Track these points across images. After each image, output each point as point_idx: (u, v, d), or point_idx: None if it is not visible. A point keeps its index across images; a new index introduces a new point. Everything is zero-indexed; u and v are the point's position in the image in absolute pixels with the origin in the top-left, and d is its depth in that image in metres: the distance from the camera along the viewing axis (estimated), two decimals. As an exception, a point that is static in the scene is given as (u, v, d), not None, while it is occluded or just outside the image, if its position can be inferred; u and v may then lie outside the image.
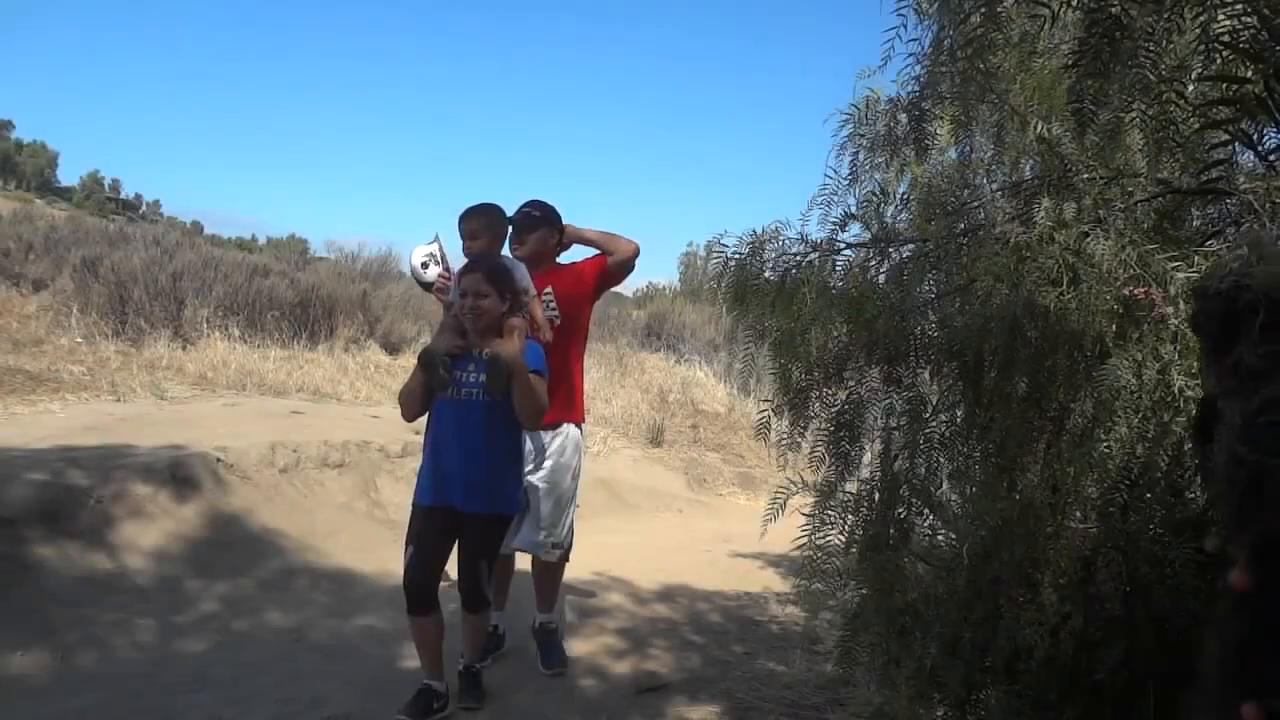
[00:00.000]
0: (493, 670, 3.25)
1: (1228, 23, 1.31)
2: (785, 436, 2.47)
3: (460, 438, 2.75)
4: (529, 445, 3.12)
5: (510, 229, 3.24)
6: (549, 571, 3.34)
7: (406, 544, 2.81)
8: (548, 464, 3.24)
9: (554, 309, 3.24)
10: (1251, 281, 0.87)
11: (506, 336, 2.77)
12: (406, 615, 2.83)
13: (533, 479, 3.18)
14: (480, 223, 3.13)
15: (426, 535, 2.79)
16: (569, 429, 3.28)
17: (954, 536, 2.29)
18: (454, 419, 2.77)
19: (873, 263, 2.41)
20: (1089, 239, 1.89)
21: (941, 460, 2.29)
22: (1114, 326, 1.84)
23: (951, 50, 2.03)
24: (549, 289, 3.24)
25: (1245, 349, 0.85)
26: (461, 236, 3.12)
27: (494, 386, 2.70)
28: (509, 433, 2.83)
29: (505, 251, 3.21)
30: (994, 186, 2.23)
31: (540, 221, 3.32)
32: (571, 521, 3.40)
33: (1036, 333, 1.96)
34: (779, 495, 2.39)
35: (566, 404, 3.23)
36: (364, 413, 6.72)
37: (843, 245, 2.41)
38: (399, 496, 5.25)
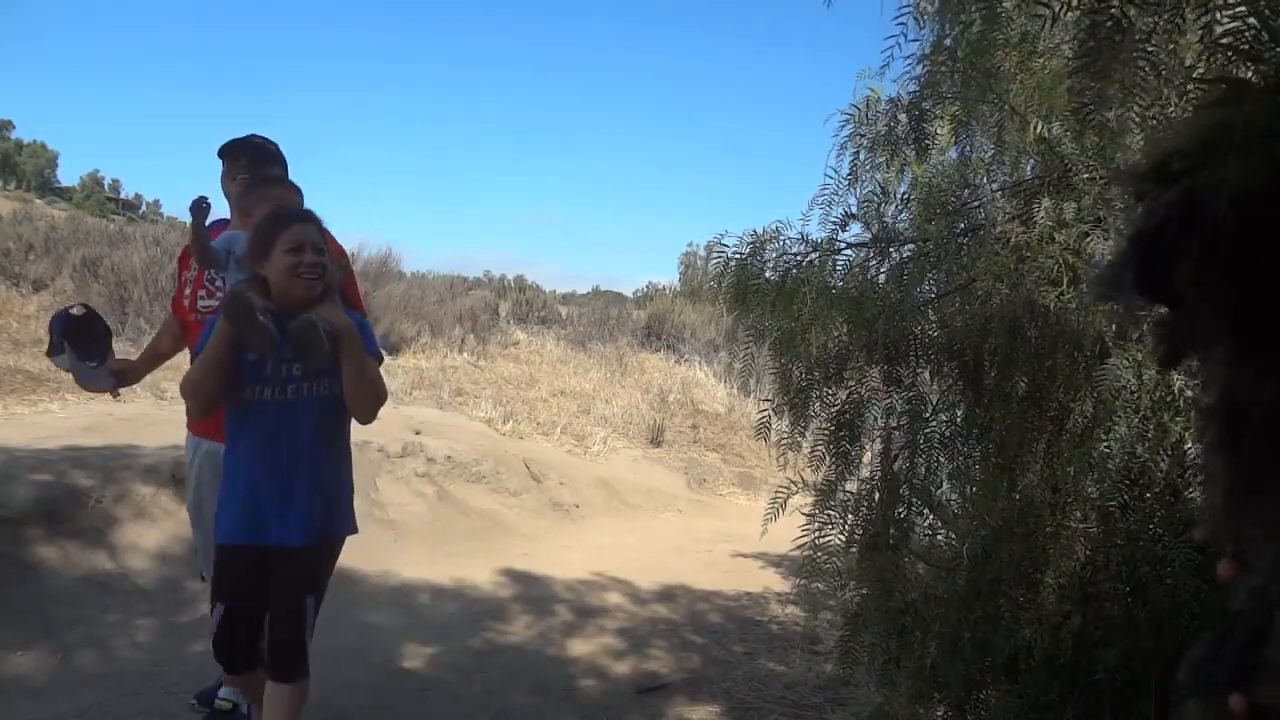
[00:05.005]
0: (489, 673, 3.25)
1: (1228, 24, 1.31)
2: (785, 436, 2.47)
3: (282, 448, 2.05)
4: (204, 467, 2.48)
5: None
6: None
7: (214, 599, 2.11)
8: (190, 491, 2.61)
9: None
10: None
11: (328, 300, 2.08)
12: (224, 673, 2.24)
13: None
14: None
15: (243, 586, 2.08)
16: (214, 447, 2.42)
17: (954, 536, 2.29)
18: (273, 424, 2.05)
19: (873, 263, 2.41)
20: (1089, 239, 1.89)
21: (941, 460, 2.29)
22: (1114, 326, 1.84)
23: (952, 50, 2.03)
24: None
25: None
26: (259, 176, 2.46)
27: (308, 356, 1.99)
28: (342, 432, 2.19)
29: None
30: (994, 186, 2.23)
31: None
32: None
33: (1036, 333, 1.96)
34: (779, 495, 2.39)
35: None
36: (364, 413, 6.71)
37: (843, 245, 2.41)
38: (399, 496, 5.25)
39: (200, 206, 2.21)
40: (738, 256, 2.40)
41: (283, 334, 1.98)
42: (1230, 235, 0.46)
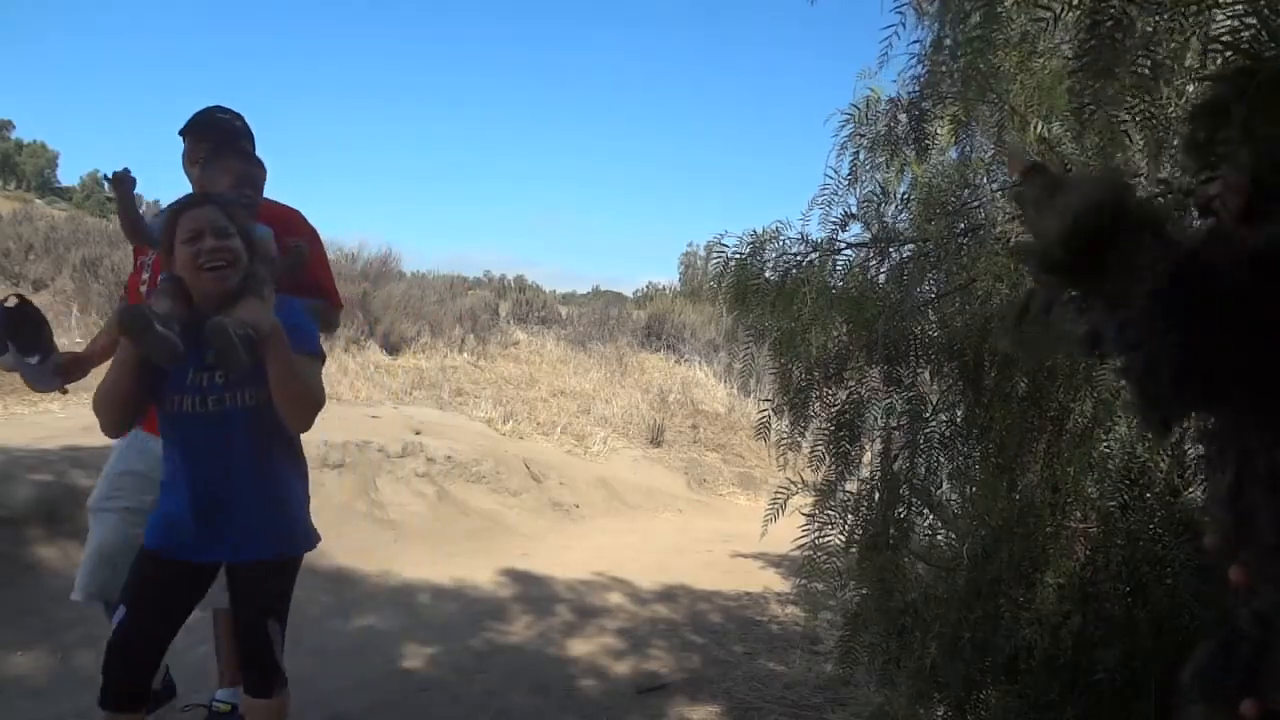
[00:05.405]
0: (489, 673, 3.25)
1: (1228, 23, 1.31)
2: (785, 436, 2.47)
3: (210, 464, 1.83)
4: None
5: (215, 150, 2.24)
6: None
7: (121, 602, 1.87)
8: (101, 480, 2.34)
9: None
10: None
11: (251, 296, 1.83)
12: (99, 708, 1.90)
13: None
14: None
15: (157, 592, 1.86)
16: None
17: (954, 536, 2.29)
18: (199, 436, 1.83)
19: (873, 263, 2.41)
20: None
21: (941, 460, 2.29)
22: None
23: (952, 50, 2.03)
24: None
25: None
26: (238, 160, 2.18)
27: (224, 364, 1.74)
28: (283, 442, 1.91)
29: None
30: (994, 186, 2.23)
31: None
32: None
33: (1036, 333, 1.96)
34: (779, 495, 2.40)
35: None
36: (364, 413, 6.72)
37: (843, 245, 2.41)
38: (399, 497, 5.26)
39: (121, 178, 2.04)
40: (738, 256, 2.40)
41: (200, 339, 1.75)
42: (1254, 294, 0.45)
